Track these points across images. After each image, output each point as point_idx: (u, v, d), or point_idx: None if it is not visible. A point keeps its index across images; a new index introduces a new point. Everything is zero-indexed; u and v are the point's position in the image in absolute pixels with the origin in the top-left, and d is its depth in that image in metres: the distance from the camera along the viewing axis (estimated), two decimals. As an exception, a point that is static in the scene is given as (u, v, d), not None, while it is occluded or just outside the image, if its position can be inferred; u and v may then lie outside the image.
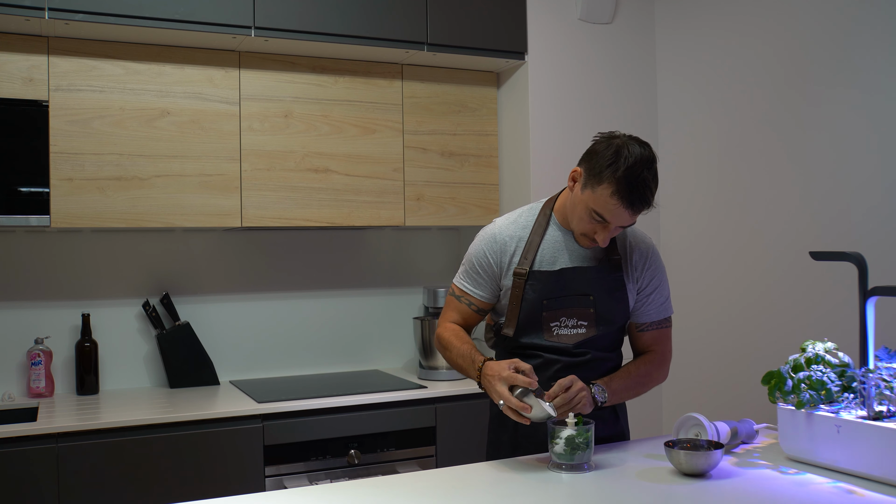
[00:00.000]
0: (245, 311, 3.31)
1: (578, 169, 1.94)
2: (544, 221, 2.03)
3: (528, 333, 2.01)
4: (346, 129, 3.16)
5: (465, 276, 2.07)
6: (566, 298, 1.98)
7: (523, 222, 2.05)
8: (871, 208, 2.61)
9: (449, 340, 2.03)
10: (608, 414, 2.08)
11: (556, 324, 1.99)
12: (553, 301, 1.98)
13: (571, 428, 1.78)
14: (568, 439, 1.77)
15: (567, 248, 2.00)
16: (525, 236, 2.02)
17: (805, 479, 1.73)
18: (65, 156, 2.75)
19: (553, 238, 2.01)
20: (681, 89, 3.41)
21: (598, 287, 1.99)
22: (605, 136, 1.92)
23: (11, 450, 2.40)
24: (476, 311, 2.07)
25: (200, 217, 2.93)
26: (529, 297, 1.98)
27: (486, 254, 2.03)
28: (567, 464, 1.78)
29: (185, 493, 2.51)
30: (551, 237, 2.01)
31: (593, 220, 1.88)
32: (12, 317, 2.98)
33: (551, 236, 2.02)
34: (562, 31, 3.35)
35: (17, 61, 2.70)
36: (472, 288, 2.05)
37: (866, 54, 2.62)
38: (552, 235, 2.02)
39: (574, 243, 2.00)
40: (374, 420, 2.84)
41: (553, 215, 2.05)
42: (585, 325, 1.99)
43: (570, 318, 1.99)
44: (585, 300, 1.98)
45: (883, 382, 1.72)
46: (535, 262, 1.99)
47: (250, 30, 2.87)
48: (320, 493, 1.71)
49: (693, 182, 3.35)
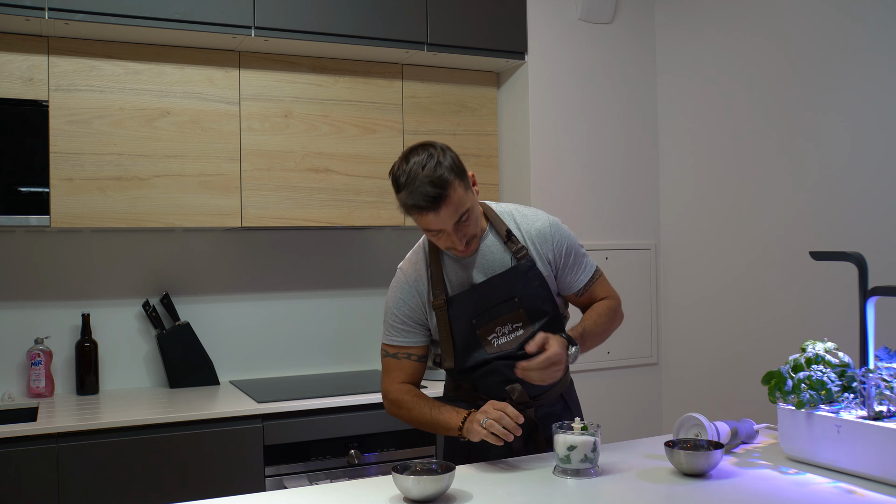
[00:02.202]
0: (245, 311, 3.31)
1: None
2: (433, 250, 2.00)
3: (470, 356, 1.99)
4: (346, 129, 3.16)
5: (392, 333, 2.01)
6: (492, 309, 1.96)
7: (419, 260, 2.03)
8: (871, 208, 2.61)
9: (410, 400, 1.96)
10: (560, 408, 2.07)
11: (493, 335, 1.98)
12: (482, 316, 1.96)
13: (577, 434, 1.77)
14: (573, 446, 1.76)
15: (468, 264, 1.98)
16: (427, 271, 2.00)
17: (805, 479, 1.73)
18: (65, 156, 2.75)
19: (449, 262, 1.99)
20: (681, 89, 3.41)
21: (517, 286, 1.97)
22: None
23: (11, 450, 2.40)
24: (417, 359, 2.01)
25: (200, 217, 2.93)
26: (457, 324, 1.97)
27: (404, 301, 2.00)
28: (572, 469, 1.78)
29: (185, 493, 2.51)
30: (448, 262, 1.99)
31: (436, 236, 1.88)
32: (12, 317, 2.98)
33: (447, 262, 1.99)
34: (562, 31, 3.35)
35: (17, 61, 2.70)
36: (404, 339, 2.00)
37: (866, 54, 2.62)
38: (447, 261, 1.99)
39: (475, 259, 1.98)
40: (374, 420, 2.84)
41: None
42: (521, 326, 1.98)
43: (504, 325, 1.97)
44: (511, 304, 1.96)
45: (883, 382, 1.72)
46: (447, 289, 1.97)
47: (250, 30, 2.87)
48: (320, 493, 1.71)
49: (693, 182, 3.35)
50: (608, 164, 3.43)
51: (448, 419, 1.89)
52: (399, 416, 2.00)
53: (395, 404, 1.99)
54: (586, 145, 3.40)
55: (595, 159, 3.41)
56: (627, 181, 3.47)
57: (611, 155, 3.44)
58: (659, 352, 3.52)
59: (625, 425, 3.38)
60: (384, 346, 2.04)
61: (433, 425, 1.93)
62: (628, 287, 3.44)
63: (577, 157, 3.38)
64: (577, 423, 1.78)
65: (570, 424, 1.80)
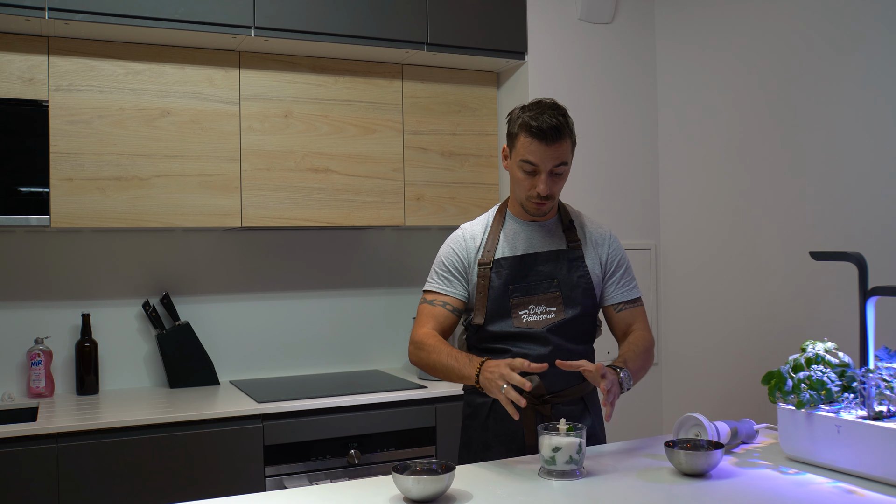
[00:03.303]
0: (245, 311, 3.31)
1: (504, 147, 2.07)
2: (501, 217, 2.13)
3: (497, 322, 2.04)
4: (346, 129, 3.16)
5: (435, 279, 2.11)
6: (532, 284, 2.04)
7: (484, 221, 2.15)
8: (871, 208, 2.61)
9: (433, 344, 1.99)
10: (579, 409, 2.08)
11: (525, 311, 2.03)
12: (519, 287, 2.04)
13: (562, 435, 1.77)
14: (558, 447, 1.76)
15: (527, 237, 2.09)
16: (487, 230, 2.12)
17: (805, 479, 1.73)
18: (65, 156, 2.75)
19: (512, 229, 2.11)
20: (681, 89, 3.41)
21: (561, 269, 2.05)
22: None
23: (11, 450, 2.40)
24: (451, 310, 2.07)
25: (200, 217, 2.93)
26: (495, 285, 2.04)
27: (455, 252, 2.10)
28: (557, 471, 1.77)
29: (185, 493, 2.51)
30: (510, 228, 2.11)
31: (526, 174, 1.99)
32: (12, 317, 2.98)
33: (510, 227, 2.11)
34: (562, 31, 3.36)
35: (17, 61, 2.70)
36: (445, 287, 2.08)
37: (866, 54, 2.62)
38: (511, 227, 2.11)
39: (533, 232, 2.09)
40: (374, 420, 2.84)
41: (508, 210, 2.15)
42: (554, 311, 2.04)
43: (539, 305, 2.03)
44: (550, 284, 2.04)
45: (883, 382, 1.72)
46: (497, 251, 2.07)
47: (250, 30, 2.87)
48: (320, 493, 1.72)
49: (693, 182, 3.35)
50: (608, 164, 3.43)
51: (462, 367, 1.89)
52: (419, 359, 2.02)
53: (418, 346, 2.02)
54: (586, 145, 3.39)
55: (595, 159, 3.41)
56: (627, 181, 3.47)
57: (611, 155, 3.44)
58: (659, 352, 3.52)
59: (625, 425, 3.38)
60: (424, 293, 2.12)
61: (448, 371, 1.94)
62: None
63: (577, 157, 3.37)
64: (563, 425, 1.78)
65: (556, 426, 1.80)
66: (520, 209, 2.09)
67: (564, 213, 2.14)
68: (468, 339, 2.16)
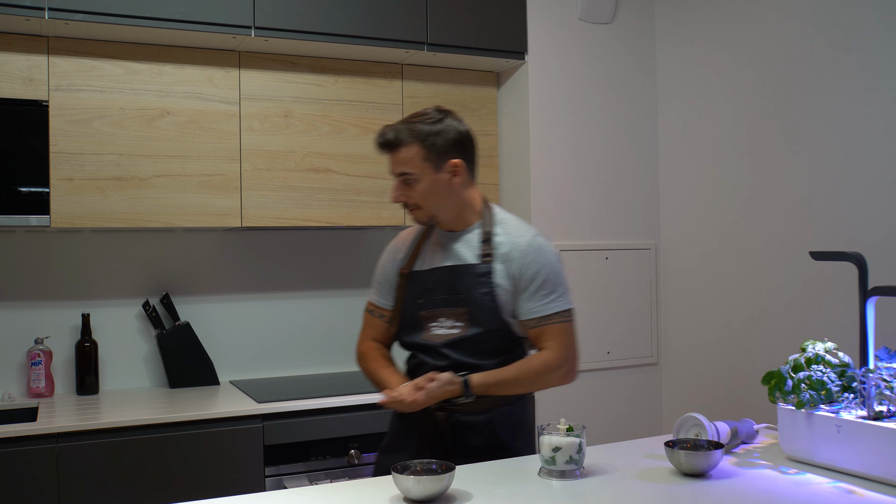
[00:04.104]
0: (245, 311, 3.31)
1: None
2: (431, 228, 2.10)
3: (410, 333, 2.07)
4: (346, 129, 3.16)
5: (374, 290, 2.16)
6: (440, 298, 2.01)
7: (412, 232, 2.15)
8: (871, 208, 2.61)
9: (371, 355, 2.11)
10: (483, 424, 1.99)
11: (435, 324, 2.02)
12: (428, 301, 2.02)
13: (562, 435, 1.77)
14: (558, 447, 1.75)
15: (444, 249, 2.05)
16: (410, 242, 2.12)
17: (805, 479, 1.73)
18: (65, 156, 2.75)
19: (434, 240, 2.08)
20: (681, 89, 3.41)
21: (466, 285, 1.98)
22: None
23: (11, 450, 2.40)
24: (387, 321, 2.11)
25: (200, 217, 2.93)
26: (407, 297, 2.06)
27: (385, 262, 2.14)
28: (557, 471, 1.77)
29: (185, 493, 2.51)
30: (434, 240, 2.09)
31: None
32: (12, 317, 2.98)
33: (434, 239, 2.09)
34: (562, 31, 3.35)
35: (17, 61, 2.70)
36: (378, 298, 2.14)
37: (866, 53, 2.62)
38: (434, 238, 2.09)
39: (452, 244, 2.04)
40: (374, 420, 2.84)
41: None
42: (461, 326, 1.99)
43: (448, 319, 2.01)
44: (457, 299, 1.99)
45: (883, 382, 1.72)
46: (416, 262, 2.07)
47: (250, 30, 2.87)
48: (320, 493, 1.71)
49: (693, 182, 3.35)
50: (608, 164, 3.43)
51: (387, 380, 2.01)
52: (362, 368, 2.13)
53: (359, 357, 2.14)
54: (586, 145, 3.40)
55: (595, 159, 3.41)
56: (627, 181, 3.47)
57: (611, 155, 3.44)
58: (659, 352, 3.52)
59: (625, 425, 3.39)
60: (367, 301, 2.17)
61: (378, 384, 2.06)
62: (628, 287, 3.44)
63: (577, 157, 3.38)
64: (563, 425, 1.77)
65: (556, 426, 1.79)
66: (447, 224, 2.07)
67: (487, 225, 2.02)
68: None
